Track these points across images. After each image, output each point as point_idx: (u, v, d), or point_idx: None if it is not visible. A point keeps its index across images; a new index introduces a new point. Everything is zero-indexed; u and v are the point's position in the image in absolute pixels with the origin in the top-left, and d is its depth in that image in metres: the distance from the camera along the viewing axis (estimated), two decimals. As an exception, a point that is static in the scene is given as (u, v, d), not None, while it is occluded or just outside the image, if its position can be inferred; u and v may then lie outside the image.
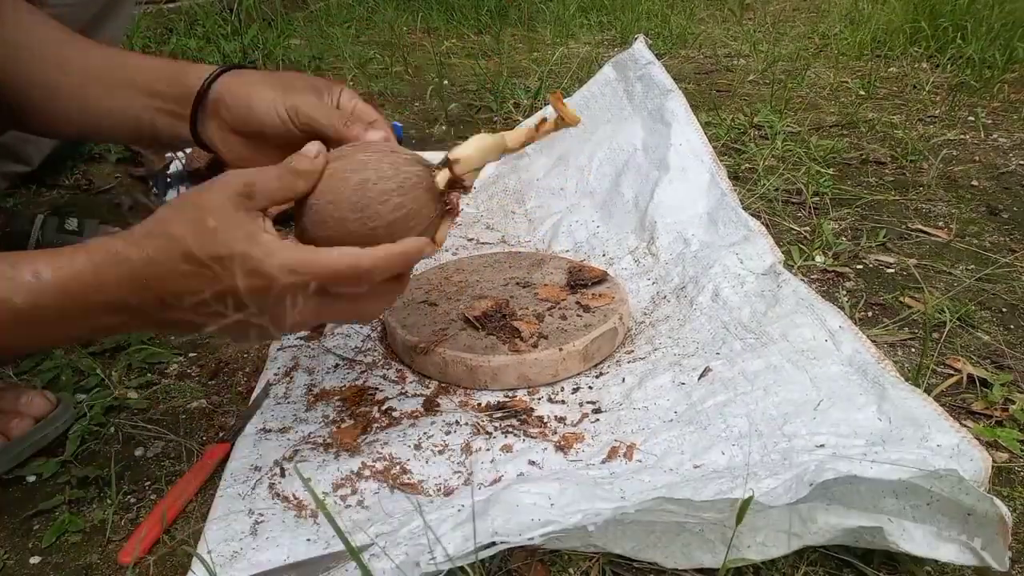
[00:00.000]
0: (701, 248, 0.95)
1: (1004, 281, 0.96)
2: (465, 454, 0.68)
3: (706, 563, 0.55)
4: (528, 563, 0.57)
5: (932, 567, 0.56)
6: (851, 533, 0.55)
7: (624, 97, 1.21)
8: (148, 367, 0.85)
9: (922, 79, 1.78)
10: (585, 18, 2.54)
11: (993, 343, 0.83)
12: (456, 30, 2.49)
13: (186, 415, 0.77)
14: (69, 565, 0.61)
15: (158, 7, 2.38)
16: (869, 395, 0.65)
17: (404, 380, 0.80)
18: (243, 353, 0.87)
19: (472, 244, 1.11)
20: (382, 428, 0.72)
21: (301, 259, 0.53)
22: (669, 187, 1.03)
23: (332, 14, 2.63)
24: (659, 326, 0.85)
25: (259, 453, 0.69)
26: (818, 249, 1.03)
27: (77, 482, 0.68)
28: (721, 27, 2.43)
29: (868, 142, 1.43)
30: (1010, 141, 1.43)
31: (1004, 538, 0.52)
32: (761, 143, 1.41)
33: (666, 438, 0.67)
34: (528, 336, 0.79)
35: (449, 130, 1.58)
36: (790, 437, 0.63)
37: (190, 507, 0.65)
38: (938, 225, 1.12)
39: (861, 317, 0.89)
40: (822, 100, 1.69)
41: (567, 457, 0.67)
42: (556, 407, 0.75)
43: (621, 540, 0.55)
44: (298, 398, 0.77)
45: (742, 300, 0.84)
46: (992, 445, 0.68)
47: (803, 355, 0.72)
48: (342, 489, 0.64)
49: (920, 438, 0.58)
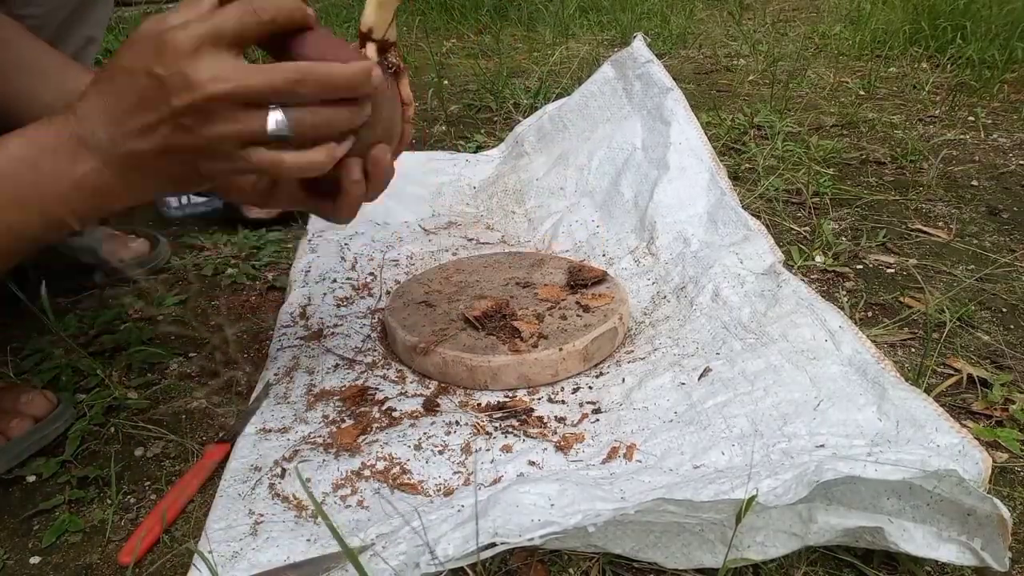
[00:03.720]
0: (701, 248, 0.95)
1: (1004, 281, 0.96)
2: (465, 454, 0.68)
3: (706, 563, 0.55)
4: (528, 563, 0.57)
5: (932, 567, 0.56)
6: (851, 533, 0.55)
7: (623, 96, 1.21)
8: (148, 367, 0.85)
9: (922, 79, 1.78)
10: (585, 18, 2.54)
11: (993, 343, 0.83)
12: (456, 30, 2.49)
13: (186, 415, 0.77)
14: (69, 565, 0.60)
15: (158, 7, 2.38)
16: (869, 395, 0.65)
17: (404, 380, 0.80)
18: (243, 353, 0.88)
19: (472, 244, 1.11)
20: (382, 428, 0.72)
21: (233, 65, 0.53)
22: (669, 187, 1.03)
23: (332, 14, 2.63)
24: (659, 326, 0.85)
25: (259, 453, 0.69)
26: (818, 249, 1.03)
27: (77, 482, 0.68)
28: (721, 27, 2.43)
29: (868, 142, 1.43)
30: (1010, 141, 1.43)
31: (1004, 538, 0.52)
32: (761, 143, 1.41)
33: (666, 438, 0.67)
34: (528, 336, 0.79)
35: (449, 130, 1.58)
36: (790, 437, 0.63)
37: (190, 507, 0.65)
38: (938, 225, 1.12)
39: (861, 317, 0.89)
40: (822, 100, 1.69)
41: (567, 457, 0.67)
42: (556, 407, 0.75)
43: (621, 540, 0.55)
44: (298, 398, 0.77)
45: (742, 300, 0.84)
46: (992, 445, 0.68)
47: (803, 355, 0.72)
48: (342, 489, 0.64)
49: (920, 438, 0.58)
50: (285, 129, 0.55)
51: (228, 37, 0.53)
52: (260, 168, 0.56)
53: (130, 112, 0.53)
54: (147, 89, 0.53)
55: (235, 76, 0.52)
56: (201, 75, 0.52)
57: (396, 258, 1.07)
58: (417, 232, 1.15)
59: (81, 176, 0.55)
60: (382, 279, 1.01)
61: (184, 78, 0.52)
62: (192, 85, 0.52)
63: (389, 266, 1.05)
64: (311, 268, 1.03)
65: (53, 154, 0.54)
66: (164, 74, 0.52)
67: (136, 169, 0.56)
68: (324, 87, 0.56)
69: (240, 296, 1.01)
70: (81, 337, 0.91)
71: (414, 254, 1.08)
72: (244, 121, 0.54)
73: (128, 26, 2.25)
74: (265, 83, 0.53)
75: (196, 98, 0.52)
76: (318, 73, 0.55)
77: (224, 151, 0.55)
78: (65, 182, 0.55)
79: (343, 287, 0.99)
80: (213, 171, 0.56)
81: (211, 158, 0.56)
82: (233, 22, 0.53)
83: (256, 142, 0.55)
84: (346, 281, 1.01)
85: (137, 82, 0.53)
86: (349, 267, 1.04)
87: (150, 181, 0.57)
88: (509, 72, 1.92)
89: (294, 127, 0.55)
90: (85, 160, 0.54)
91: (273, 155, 0.56)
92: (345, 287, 0.99)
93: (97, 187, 0.55)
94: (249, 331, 0.92)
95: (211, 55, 0.52)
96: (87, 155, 0.54)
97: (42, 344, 0.88)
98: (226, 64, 0.53)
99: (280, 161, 0.56)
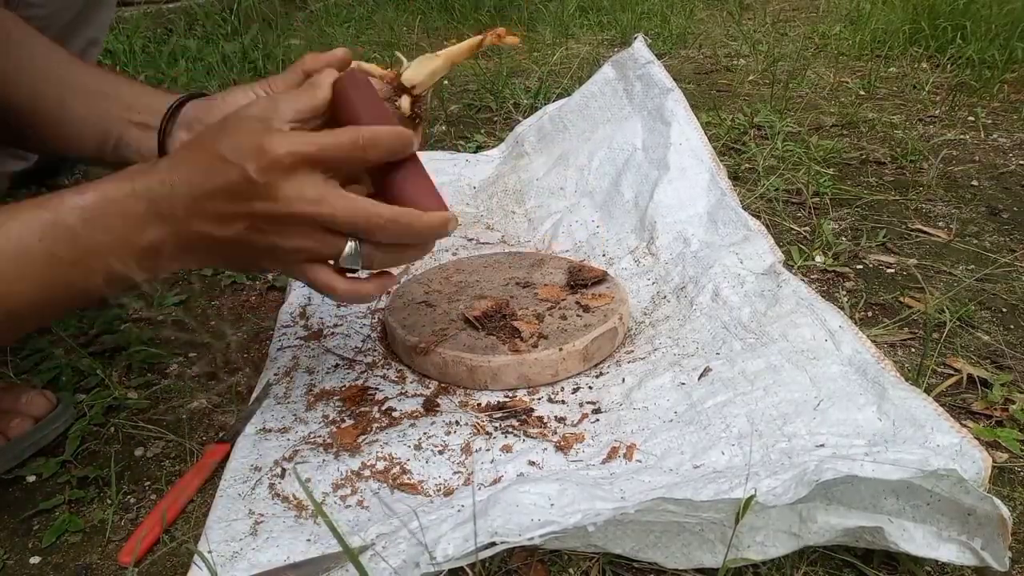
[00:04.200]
0: (701, 248, 0.95)
1: (1004, 281, 0.96)
2: (465, 454, 0.68)
3: (706, 563, 0.55)
4: (528, 563, 0.57)
5: (932, 567, 0.56)
6: (851, 533, 0.55)
7: (624, 96, 1.21)
8: (148, 367, 0.85)
9: (922, 79, 1.78)
10: (585, 18, 2.54)
11: (993, 343, 0.83)
12: (456, 30, 2.49)
13: (186, 415, 0.77)
14: (69, 565, 0.61)
15: (158, 7, 2.38)
16: (869, 395, 0.65)
17: (404, 380, 0.80)
18: (243, 353, 0.88)
19: (472, 244, 1.11)
20: (382, 428, 0.72)
21: (324, 191, 0.54)
22: (669, 187, 1.03)
23: (332, 14, 2.63)
24: (659, 326, 0.85)
25: (259, 453, 0.69)
26: (818, 249, 1.03)
27: (77, 482, 0.68)
28: (721, 27, 2.43)
29: (868, 142, 1.43)
30: (1010, 141, 1.43)
31: (1004, 538, 0.52)
32: (761, 143, 1.41)
33: (666, 438, 0.67)
34: (528, 336, 0.79)
35: (449, 130, 1.58)
36: (790, 437, 0.63)
37: (190, 507, 0.65)
38: (938, 225, 1.12)
39: (861, 317, 0.89)
40: (822, 100, 1.69)
41: (567, 457, 0.67)
42: (556, 407, 0.75)
43: (621, 540, 0.55)
44: (298, 398, 0.77)
45: (742, 300, 0.84)
46: (992, 445, 0.68)
47: (803, 355, 0.72)
48: (342, 489, 0.64)
49: (920, 438, 0.58)
50: (356, 264, 0.57)
51: (328, 164, 0.54)
52: (314, 285, 0.58)
53: (213, 197, 0.54)
54: (236, 184, 0.53)
55: (322, 202, 0.53)
56: (290, 192, 0.53)
57: (396, 258, 1.07)
58: (417, 232, 1.15)
59: (147, 244, 0.55)
60: (382, 279, 1.01)
61: (274, 190, 0.53)
62: (279, 199, 0.53)
63: (389, 266, 1.05)
64: (311, 268, 1.03)
65: (123, 217, 0.54)
66: (256, 178, 0.52)
67: (203, 249, 0.56)
68: (404, 235, 0.57)
69: (240, 296, 1.01)
70: (81, 337, 0.91)
71: (414, 254, 1.08)
72: (320, 243, 0.55)
73: (128, 26, 2.25)
74: (347, 218, 0.55)
75: (279, 211, 0.53)
76: (402, 222, 0.56)
77: (290, 260, 0.57)
78: (131, 247, 0.55)
79: (343, 287, 0.99)
80: (271, 269, 0.59)
81: (275, 261, 0.57)
82: (337, 154, 0.54)
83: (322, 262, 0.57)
84: (346, 281, 1.01)
85: (228, 172, 0.53)
86: (349, 267, 1.04)
87: (210, 260, 0.59)
88: (509, 72, 1.92)
89: (364, 263, 0.57)
90: (155, 227, 0.54)
91: (331, 279, 0.58)
92: (345, 287, 0.99)
93: (160, 253, 0.56)
94: (249, 331, 0.92)
95: (305, 176, 0.53)
96: (158, 223, 0.54)
97: (42, 344, 0.88)
98: (317, 188, 0.54)
99: (334, 288, 0.58)
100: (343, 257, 0.56)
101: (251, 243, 0.55)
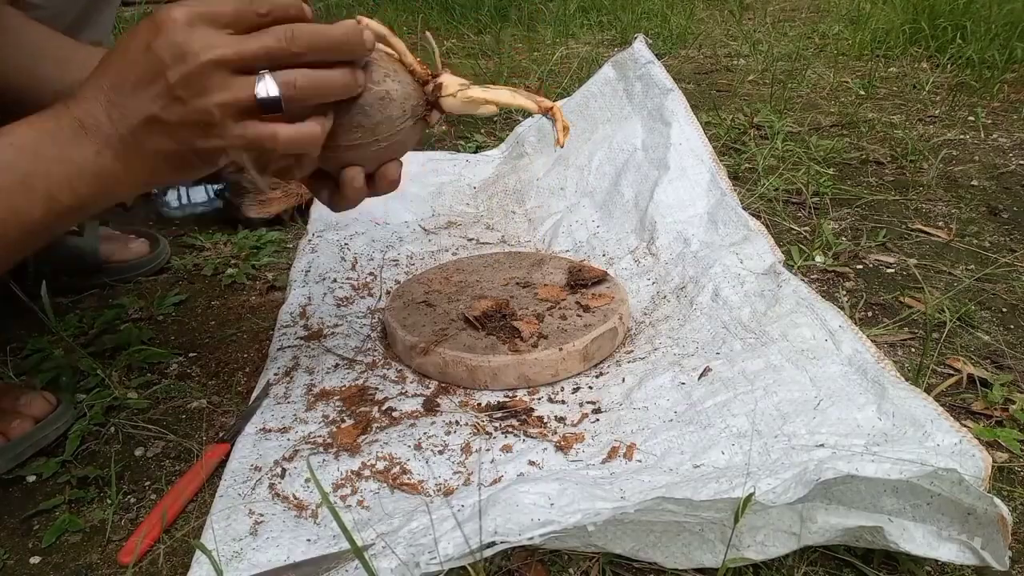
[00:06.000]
0: (701, 248, 0.95)
1: (1004, 281, 0.96)
2: (465, 454, 0.68)
3: (706, 563, 0.55)
4: (528, 563, 0.57)
5: (932, 567, 0.56)
6: (851, 533, 0.55)
7: (624, 96, 1.21)
8: (148, 367, 0.85)
9: (922, 79, 1.78)
10: (585, 18, 2.54)
11: (993, 343, 0.83)
12: (456, 30, 2.49)
13: (186, 415, 0.77)
14: (69, 565, 0.60)
15: (158, 7, 2.38)
16: (869, 395, 0.65)
17: (404, 380, 0.80)
18: (243, 353, 0.88)
19: (472, 244, 1.11)
20: (382, 428, 0.72)
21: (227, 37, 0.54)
22: (669, 187, 1.03)
23: (332, 14, 2.63)
24: (659, 326, 0.85)
25: (259, 453, 0.69)
26: (818, 249, 1.03)
27: (77, 482, 0.68)
28: (721, 27, 2.43)
29: (868, 142, 1.43)
30: (1010, 141, 1.43)
31: (1004, 538, 0.52)
32: (761, 143, 1.41)
33: (666, 438, 0.67)
34: (528, 336, 0.79)
35: (449, 130, 1.58)
36: (790, 437, 0.63)
37: (190, 507, 0.65)
38: (938, 225, 1.12)
39: (861, 317, 0.89)
40: (822, 100, 1.69)
41: (567, 457, 0.67)
42: (556, 407, 0.75)
43: (621, 540, 0.55)
44: (298, 398, 0.77)
45: (742, 300, 0.84)
46: (992, 445, 0.68)
47: (803, 355, 0.72)
48: (342, 489, 0.64)
49: (920, 437, 0.58)
50: (276, 90, 0.55)
51: (223, 20, 0.54)
52: (254, 141, 0.56)
53: (127, 91, 0.54)
54: (144, 65, 0.53)
55: (227, 43, 0.54)
56: (194, 44, 0.53)
57: (396, 258, 1.07)
58: (417, 232, 1.15)
59: (82, 160, 0.55)
60: (382, 279, 1.01)
61: (178, 47, 0.53)
62: (186, 54, 0.52)
63: (389, 266, 1.05)
64: (311, 268, 1.03)
65: (53, 139, 0.55)
66: (160, 47, 0.53)
67: (134, 150, 0.56)
68: (315, 45, 0.57)
69: (240, 296, 1.01)
70: (81, 337, 0.91)
71: (414, 254, 1.08)
72: (236, 88, 0.54)
73: (128, 26, 2.25)
74: (259, 46, 0.54)
75: (190, 67, 0.53)
76: (308, 30, 0.56)
77: (218, 124, 0.55)
78: (67, 166, 0.55)
79: (343, 287, 0.99)
80: (209, 148, 0.56)
81: (206, 133, 0.55)
82: (229, 9, 0.55)
83: (250, 114, 0.55)
84: (346, 281, 1.01)
85: (135, 61, 0.54)
86: (349, 267, 1.04)
87: (149, 164, 0.57)
88: (509, 72, 1.92)
89: (283, 89, 0.55)
90: (85, 144, 0.55)
91: (270, 127, 0.56)
92: (345, 287, 0.99)
93: (98, 171, 0.55)
94: (249, 331, 0.92)
95: (205, 28, 0.53)
96: (87, 139, 0.55)
97: (42, 344, 0.88)
98: (220, 35, 0.54)
99: (273, 134, 0.56)
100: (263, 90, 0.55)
101: (175, 121, 0.54)
